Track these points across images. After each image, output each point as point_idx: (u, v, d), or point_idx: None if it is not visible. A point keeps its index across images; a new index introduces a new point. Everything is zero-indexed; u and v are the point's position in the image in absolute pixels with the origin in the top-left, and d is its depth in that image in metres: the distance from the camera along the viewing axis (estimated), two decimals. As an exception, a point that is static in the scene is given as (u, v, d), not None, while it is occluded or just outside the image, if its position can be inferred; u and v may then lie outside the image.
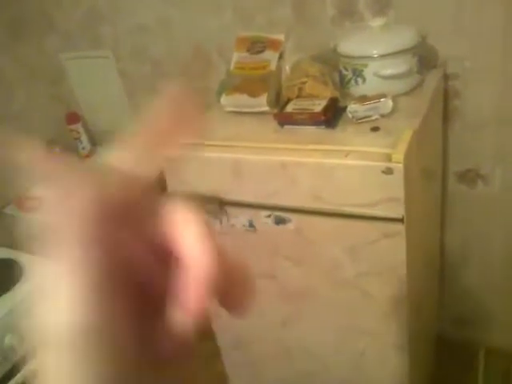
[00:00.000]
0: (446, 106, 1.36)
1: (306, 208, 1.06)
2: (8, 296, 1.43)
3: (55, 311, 0.20)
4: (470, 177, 1.46)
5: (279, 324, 1.31)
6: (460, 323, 1.80)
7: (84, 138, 2.06)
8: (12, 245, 1.87)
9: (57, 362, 0.20)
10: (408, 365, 1.20)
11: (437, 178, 1.43)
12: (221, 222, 1.20)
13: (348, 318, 1.21)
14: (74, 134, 2.04)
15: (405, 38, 1.15)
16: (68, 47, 1.93)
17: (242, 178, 1.09)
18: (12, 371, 1.37)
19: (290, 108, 1.14)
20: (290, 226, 1.11)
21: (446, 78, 1.32)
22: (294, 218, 1.10)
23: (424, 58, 1.19)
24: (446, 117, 1.38)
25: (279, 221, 1.12)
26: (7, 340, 1.35)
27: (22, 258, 1.60)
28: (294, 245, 1.14)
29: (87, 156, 2.09)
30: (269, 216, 1.12)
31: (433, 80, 1.23)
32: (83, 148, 2.07)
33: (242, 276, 0.25)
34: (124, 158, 0.23)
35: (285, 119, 1.13)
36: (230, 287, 0.24)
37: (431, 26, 1.25)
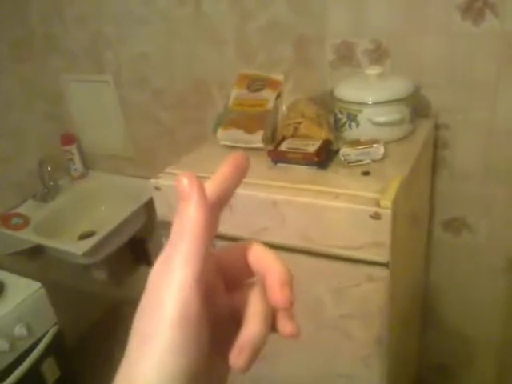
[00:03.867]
0: (435, 155, 1.40)
1: (294, 246, 1.07)
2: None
3: None
4: (455, 225, 1.49)
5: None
6: (440, 368, 1.80)
7: (77, 159, 2.07)
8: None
9: None
10: (385, 410, 1.19)
11: (423, 225, 1.45)
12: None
13: (327, 359, 1.20)
14: (67, 155, 2.05)
15: (399, 88, 1.18)
16: (70, 69, 1.95)
17: (233, 212, 1.10)
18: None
19: (284, 146, 1.16)
20: (277, 262, 1.11)
21: (436, 127, 1.36)
22: (281, 255, 1.08)
23: (417, 107, 1.22)
24: (435, 165, 1.42)
25: (266, 257, 1.12)
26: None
27: (3, 275, 1.57)
28: (279, 282, 1.14)
29: (78, 178, 2.09)
30: (256, 251, 1.13)
31: (424, 129, 1.26)
32: (75, 169, 2.08)
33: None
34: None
35: (278, 157, 1.15)
36: None
37: (425, 77, 1.30)
